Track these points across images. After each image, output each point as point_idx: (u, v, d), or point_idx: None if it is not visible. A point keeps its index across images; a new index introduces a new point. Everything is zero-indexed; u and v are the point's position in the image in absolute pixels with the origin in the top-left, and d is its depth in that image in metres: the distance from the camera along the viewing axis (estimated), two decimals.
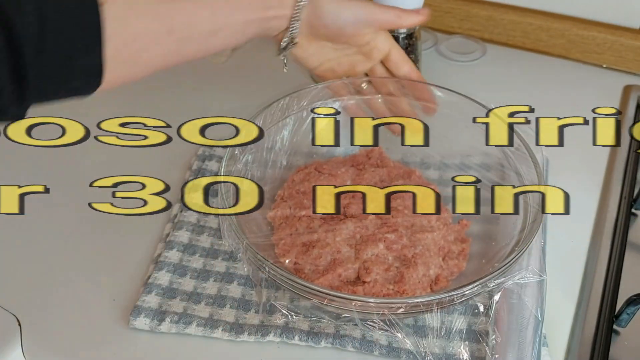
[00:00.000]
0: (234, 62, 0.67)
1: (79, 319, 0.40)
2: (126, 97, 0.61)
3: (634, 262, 0.44)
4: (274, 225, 0.43)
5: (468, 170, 0.46)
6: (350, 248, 0.40)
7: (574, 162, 0.51)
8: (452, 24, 0.69)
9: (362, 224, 0.41)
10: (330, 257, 0.39)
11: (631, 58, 0.62)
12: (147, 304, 0.39)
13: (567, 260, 0.43)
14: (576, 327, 0.39)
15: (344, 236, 0.40)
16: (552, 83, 0.62)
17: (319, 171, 0.46)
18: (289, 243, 0.41)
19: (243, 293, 0.41)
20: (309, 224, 0.42)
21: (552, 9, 0.65)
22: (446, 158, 0.48)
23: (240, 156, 0.42)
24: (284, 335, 0.37)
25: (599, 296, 0.42)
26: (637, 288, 0.39)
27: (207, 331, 0.38)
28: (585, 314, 0.40)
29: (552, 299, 0.40)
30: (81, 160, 0.51)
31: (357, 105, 0.49)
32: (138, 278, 0.42)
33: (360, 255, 0.39)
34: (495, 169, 0.45)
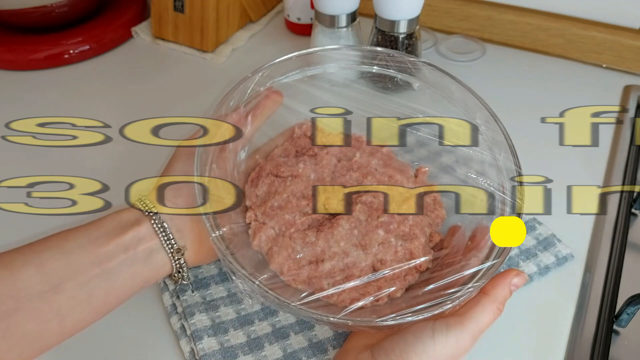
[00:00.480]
0: (234, 61, 0.67)
1: None
2: (127, 97, 0.62)
3: (634, 262, 0.44)
4: (264, 253, 0.39)
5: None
6: (355, 247, 0.38)
7: (574, 162, 0.51)
8: (451, 24, 0.69)
9: (353, 217, 0.39)
10: (343, 264, 0.37)
11: (631, 58, 0.62)
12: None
13: (567, 259, 0.43)
14: (576, 327, 0.39)
15: (344, 237, 0.39)
16: (551, 83, 0.62)
17: (278, 175, 0.42)
18: (295, 266, 0.37)
19: (307, 337, 0.38)
20: (304, 238, 0.38)
21: (551, 9, 0.65)
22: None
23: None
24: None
25: (599, 296, 0.42)
26: (637, 288, 0.39)
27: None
28: (585, 314, 0.40)
29: (552, 299, 0.41)
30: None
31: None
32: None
33: (368, 250, 0.38)
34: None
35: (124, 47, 0.70)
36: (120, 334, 0.39)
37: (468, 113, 0.43)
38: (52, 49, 0.65)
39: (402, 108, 0.44)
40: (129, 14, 0.71)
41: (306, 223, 0.39)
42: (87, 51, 0.66)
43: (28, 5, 0.61)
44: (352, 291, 0.37)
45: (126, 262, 0.34)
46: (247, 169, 0.44)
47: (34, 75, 0.64)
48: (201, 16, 0.64)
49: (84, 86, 0.63)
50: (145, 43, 0.70)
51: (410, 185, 0.42)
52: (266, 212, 0.40)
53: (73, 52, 0.66)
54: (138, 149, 0.42)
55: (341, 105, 0.45)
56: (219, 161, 0.39)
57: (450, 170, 0.44)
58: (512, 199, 0.37)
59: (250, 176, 0.43)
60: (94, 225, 0.35)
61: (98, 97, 0.62)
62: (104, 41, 0.68)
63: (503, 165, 0.40)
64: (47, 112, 0.59)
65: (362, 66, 0.47)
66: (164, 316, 0.40)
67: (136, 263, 0.35)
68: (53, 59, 0.65)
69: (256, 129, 0.42)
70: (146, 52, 0.68)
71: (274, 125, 0.46)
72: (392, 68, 0.46)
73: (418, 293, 0.36)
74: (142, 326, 0.39)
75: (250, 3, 0.70)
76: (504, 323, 0.35)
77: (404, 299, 0.37)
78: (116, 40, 0.69)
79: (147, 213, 0.36)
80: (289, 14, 0.68)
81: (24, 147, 0.38)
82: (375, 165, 0.43)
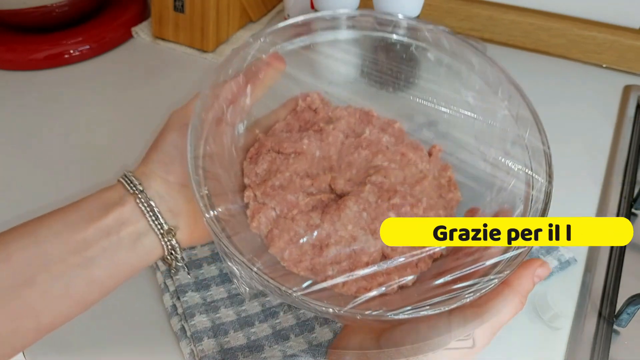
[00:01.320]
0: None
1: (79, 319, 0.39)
2: (127, 97, 0.61)
3: (634, 262, 0.44)
4: (263, 236, 0.36)
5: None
6: (364, 231, 0.35)
7: (574, 161, 0.51)
8: (453, 24, 0.69)
9: (362, 198, 0.36)
10: (350, 250, 0.34)
11: (631, 58, 0.62)
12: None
13: (569, 264, 0.43)
14: (576, 327, 0.39)
15: (352, 220, 0.35)
16: (552, 82, 0.62)
17: (280, 152, 0.38)
18: (296, 251, 0.34)
19: (296, 317, 0.38)
20: (307, 221, 0.35)
21: (552, 9, 0.65)
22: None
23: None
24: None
25: (599, 296, 0.42)
26: (637, 288, 0.39)
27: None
28: (585, 314, 0.40)
29: (552, 299, 0.41)
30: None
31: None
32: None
33: (378, 235, 0.35)
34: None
35: (124, 47, 0.70)
36: (120, 334, 0.39)
37: (490, 88, 0.38)
38: (52, 49, 0.65)
39: (411, 103, 0.41)
40: (129, 14, 0.71)
41: (310, 204, 0.36)
42: (87, 51, 0.66)
43: (28, 5, 0.61)
44: (360, 280, 0.34)
45: (109, 248, 0.31)
46: (246, 144, 0.39)
47: (34, 75, 0.64)
48: (201, 16, 0.64)
49: (84, 86, 0.63)
50: (145, 43, 0.70)
51: (425, 165, 0.39)
52: (266, 192, 0.36)
53: (73, 52, 0.66)
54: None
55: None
56: (215, 135, 0.35)
57: (469, 148, 0.40)
58: (544, 180, 0.33)
59: (249, 152, 0.39)
60: (72, 208, 0.32)
61: (98, 97, 0.62)
62: (104, 41, 0.68)
63: (529, 143, 0.35)
64: (47, 112, 0.59)
65: (377, 32, 0.42)
66: (165, 317, 0.40)
67: (121, 248, 0.31)
68: (53, 59, 0.65)
69: (256, 99, 0.38)
70: (146, 52, 0.68)
71: (276, 97, 0.41)
72: (405, 36, 0.41)
73: (432, 284, 0.32)
74: (142, 327, 0.39)
75: (251, 3, 0.70)
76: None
77: (417, 289, 0.34)
78: (116, 40, 0.69)
79: (132, 191, 0.32)
80: (289, 13, 0.68)
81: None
82: (386, 142, 0.39)
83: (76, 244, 0.30)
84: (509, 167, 0.36)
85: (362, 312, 0.28)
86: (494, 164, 0.37)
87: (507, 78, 0.38)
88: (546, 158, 0.34)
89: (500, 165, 0.36)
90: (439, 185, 0.39)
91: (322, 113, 0.41)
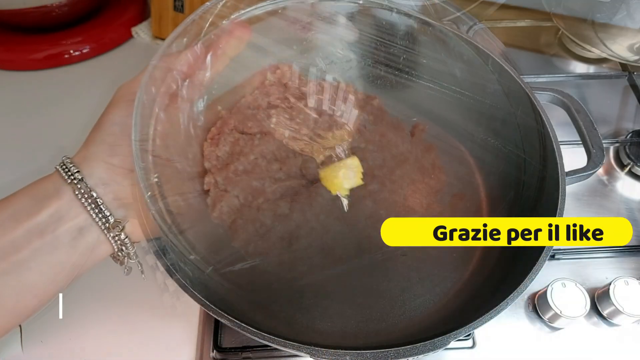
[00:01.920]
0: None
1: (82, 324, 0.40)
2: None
3: None
4: (226, 225, 0.31)
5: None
6: (338, 222, 0.31)
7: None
8: None
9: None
10: (321, 242, 0.31)
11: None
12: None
13: None
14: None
15: (325, 209, 0.31)
16: None
17: (244, 132, 0.34)
18: (262, 245, 0.31)
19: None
20: (275, 210, 0.31)
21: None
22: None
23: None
24: None
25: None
26: None
27: None
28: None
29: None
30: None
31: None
32: None
33: (354, 226, 0.32)
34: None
35: (124, 47, 0.69)
36: (120, 335, 0.39)
37: (480, 58, 0.35)
38: (52, 49, 0.65)
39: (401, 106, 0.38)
40: (129, 14, 0.71)
41: (278, 192, 0.32)
42: (87, 51, 0.66)
43: (28, 5, 0.61)
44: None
45: (43, 250, 0.27)
46: (206, 123, 0.34)
47: (34, 75, 0.64)
48: None
49: (84, 86, 0.63)
50: (145, 43, 0.70)
51: (406, 146, 0.35)
52: (229, 178, 0.32)
53: (73, 52, 0.65)
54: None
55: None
56: (168, 112, 0.30)
57: (455, 127, 0.36)
58: (537, 164, 0.30)
59: (210, 132, 0.34)
60: (0, 205, 0.28)
61: (98, 97, 0.62)
62: (104, 41, 0.68)
63: (521, 122, 0.32)
64: (47, 112, 0.59)
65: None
66: (164, 317, 0.40)
67: (58, 248, 0.27)
68: (53, 59, 0.65)
69: (217, 72, 0.33)
70: (146, 52, 0.68)
71: (240, 69, 0.36)
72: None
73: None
74: (142, 328, 0.39)
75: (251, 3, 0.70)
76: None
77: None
78: (116, 40, 0.69)
79: (69, 180, 0.28)
80: None
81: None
82: (363, 121, 0.36)
83: (3, 247, 0.26)
84: (499, 148, 0.32)
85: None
86: (482, 146, 0.34)
87: (499, 48, 0.35)
88: (540, 139, 0.31)
89: (489, 146, 0.33)
90: (421, 168, 0.35)
91: (293, 88, 0.36)
